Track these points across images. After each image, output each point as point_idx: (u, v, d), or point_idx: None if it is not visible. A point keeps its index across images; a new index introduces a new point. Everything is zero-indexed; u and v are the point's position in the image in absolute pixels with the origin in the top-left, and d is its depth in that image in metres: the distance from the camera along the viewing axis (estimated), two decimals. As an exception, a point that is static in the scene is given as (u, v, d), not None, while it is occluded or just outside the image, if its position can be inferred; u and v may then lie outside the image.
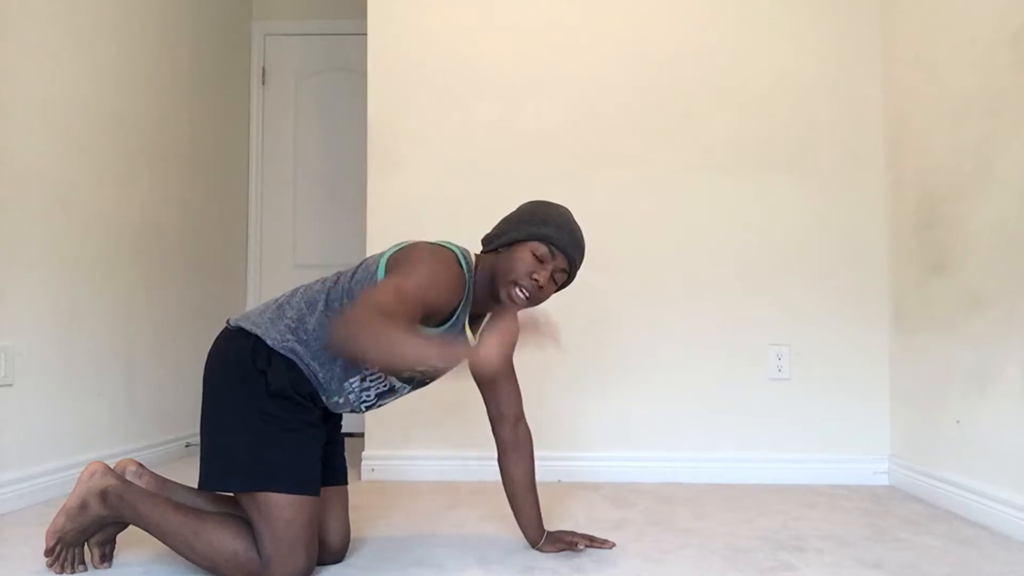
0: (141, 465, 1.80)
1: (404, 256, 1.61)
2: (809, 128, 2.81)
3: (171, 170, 3.20)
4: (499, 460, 1.90)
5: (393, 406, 2.68)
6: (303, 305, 1.66)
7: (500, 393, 1.88)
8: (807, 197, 2.80)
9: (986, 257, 2.17)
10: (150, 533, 1.64)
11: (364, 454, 2.81)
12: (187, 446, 3.28)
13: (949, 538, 2.01)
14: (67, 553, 1.66)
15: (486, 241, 1.77)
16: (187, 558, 1.62)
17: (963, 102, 2.29)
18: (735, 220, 2.81)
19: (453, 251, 1.66)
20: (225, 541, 1.57)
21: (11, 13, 2.31)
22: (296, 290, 1.73)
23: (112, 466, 1.76)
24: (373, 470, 2.78)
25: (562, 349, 1.87)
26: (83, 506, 1.64)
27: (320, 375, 1.64)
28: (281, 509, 1.55)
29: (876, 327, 2.76)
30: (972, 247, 2.24)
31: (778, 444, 2.77)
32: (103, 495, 1.64)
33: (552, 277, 1.69)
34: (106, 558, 1.72)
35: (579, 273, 2.91)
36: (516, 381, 1.91)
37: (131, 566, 1.74)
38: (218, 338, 1.71)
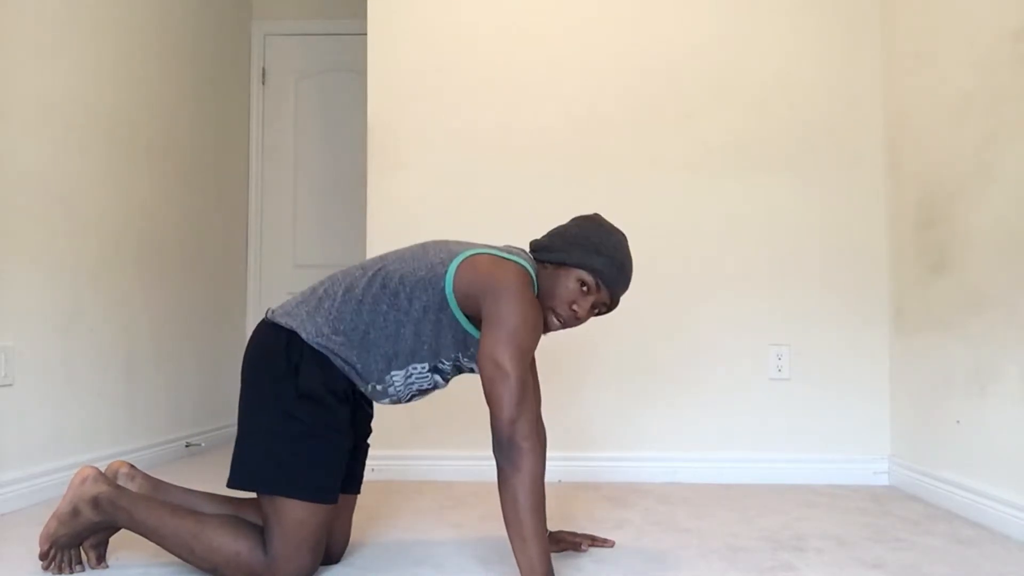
0: (133, 467, 1.79)
1: (494, 285, 1.56)
2: (809, 128, 2.81)
3: (171, 170, 3.20)
4: None
5: (393, 406, 2.69)
6: (341, 293, 1.64)
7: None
8: (807, 197, 2.80)
9: (986, 257, 2.17)
10: (147, 538, 1.63)
11: (364, 454, 2.81)
12: (187, 446, 3.28)
13: (949, 538, 2.01)
14: (62, 555, 1.66)
15: (535, 248, 1.73)
16: (187, 561, 1.61)
17: (963, 102, 2.29)
18: (735, 220, 2.81)
19: (529, 274, 1.63)
20: (226, 543, 1.56)
21: (11, 13, 2.31)
22: (335, 277, 1.70)
23: (104, 468, 1.76)
24: (373, 470, 2.78)
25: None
26: (75, 512, 1.63)
27: (359, 366, 1.62)
28: (295, 511, 1.55)
29: (876, 327, 2.76)
30: (972, 247, 2.24)
31: (778, 444, 2.77)
32: (95, 502, 1.62)
33: (592, 307, 1.68)
34: (102, 559, 1.72)
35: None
36: (537, 388, 1.88)
37: (131, 566, 1.74)
38: (256, 330, 1.70)
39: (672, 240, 2.82)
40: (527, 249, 1.76)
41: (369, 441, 1.84)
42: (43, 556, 1.65)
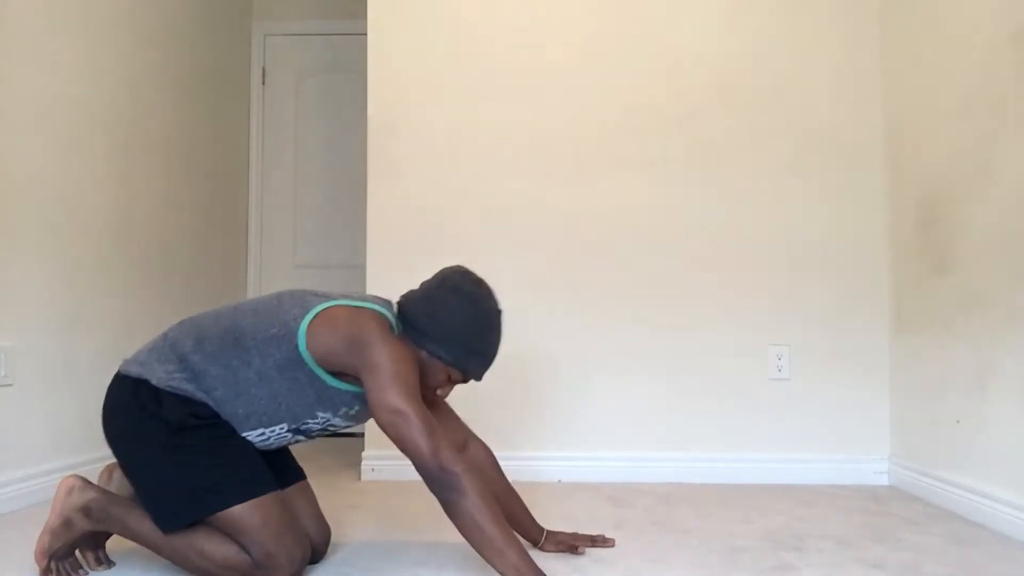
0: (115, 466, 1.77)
1: (356, 336, 1.55)
2: (809, 128, 2.81)
3: (171, 170, 3.20)
4: None
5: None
6: (191, 343, 1.62)
7: (445, 427, 1.82)
8: (807, 197, 2.80)
9: (986, 257, 2.17)
10: (140, 544, 1.62)
11: (364, 454, 2.81)
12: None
13: (949, 538, 2.01)
14: (61, 566, 1.64)
15: (406, 320, 1.67)
16: (182, 567, 1.61)
17: (963, 102, 2.29)
18: (735, 220, 2.81)
19: (388, 320, 1.63)
20: (215, 548, 1.55)
21: (11, 13, 2.31)
22: (184, 324, 1.68)
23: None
24: (373, 470, 2.78)
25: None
26: (67, 524, 1.62)
27: (216, 409, 1.60)
28: (245, 516, 1.53)
29: (876, 327, 2.76)
30: (972, 247, 2.24)
31: (778, 444, 2.77)
32: (86, 511, 1.62)
33: (451, 388, 1.72)
34: (101, 561, 1.71)
35: (581, 273, 2.91)
36: (448, 409, 1.86)
37: (131, 565, 1.74)
38: (108, 387, 1.67)
39: (672, 240, 2.82)
40: (397, 307, 1.72)
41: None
42: (45, 572, 1.63)
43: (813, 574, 1.70)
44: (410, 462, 1.53)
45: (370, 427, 2.82)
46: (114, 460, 1.72)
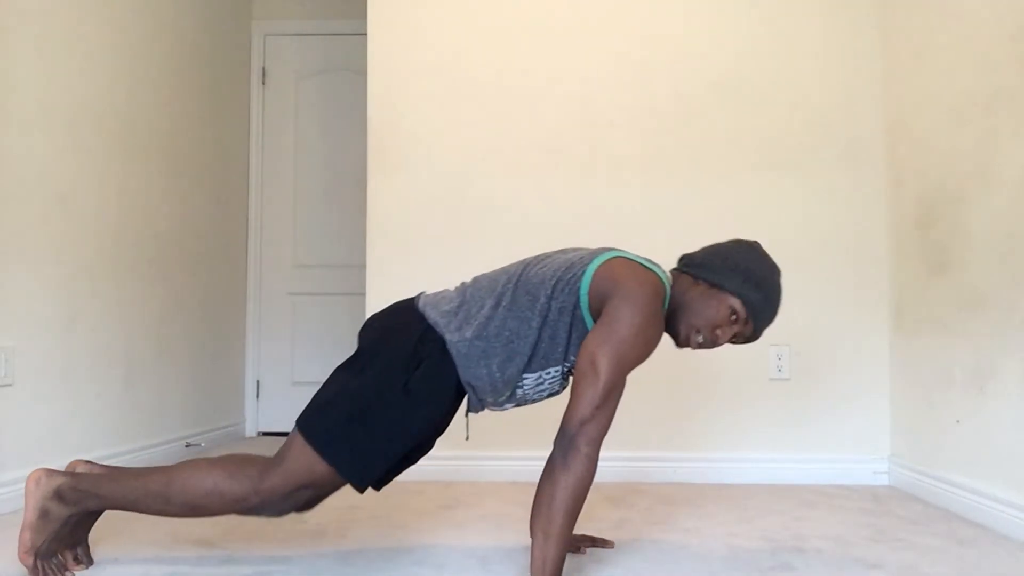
0: (89, 462, 1.73)
1: (624, 289, 1.54)
2: (809, 128, 2.81)
3: (171, 170, 3.20)
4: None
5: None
6: (490, 302, 1.63)
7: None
8: (807, 197, 2.80)
9: (986, 257, 2.17)
10: (122, 509, 1.62)
11: (364, 454, 2.81)
12: (187, 446, 3.28)
13: (949, 538, 2.01)
14: (47, 564, 1.61)
15: (689, 262, 1.69)
16: (167, 515, 1.60)
17: (963, 102, 2.29)
18: (735, 220, 2.80)
19: (664, 286, 1.61)
20: (198, 479, 1.55)
21: (11, 13, 2.31)
22: (480, 283, 1.69)
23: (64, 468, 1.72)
24: (373, 470, 2.78)
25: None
26: (44, 514, 1.59)
27: (497, 374, 1.62)
28: (321, 472, 1.56)
29: (876, 327, 2.76)
30: (972, 247, 2.24)
31: (778, 444, 2.77)
32: (58, 495, 1.59)
33: (733, 336, 1.67)
34: (80, 560, 1.69)
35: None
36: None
37: (131, 565, 1.74)
38: (402, 306, 1.69)
39: (672, 240, 2.80)
40: (678, 262, 1.73)
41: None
42: (33, 571, 1.60)
43: (813, 574, 1.70)
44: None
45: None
46: (78, 459, 1.71)
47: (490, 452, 2.78)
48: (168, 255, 3.18)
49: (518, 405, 1.73)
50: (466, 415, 1.77)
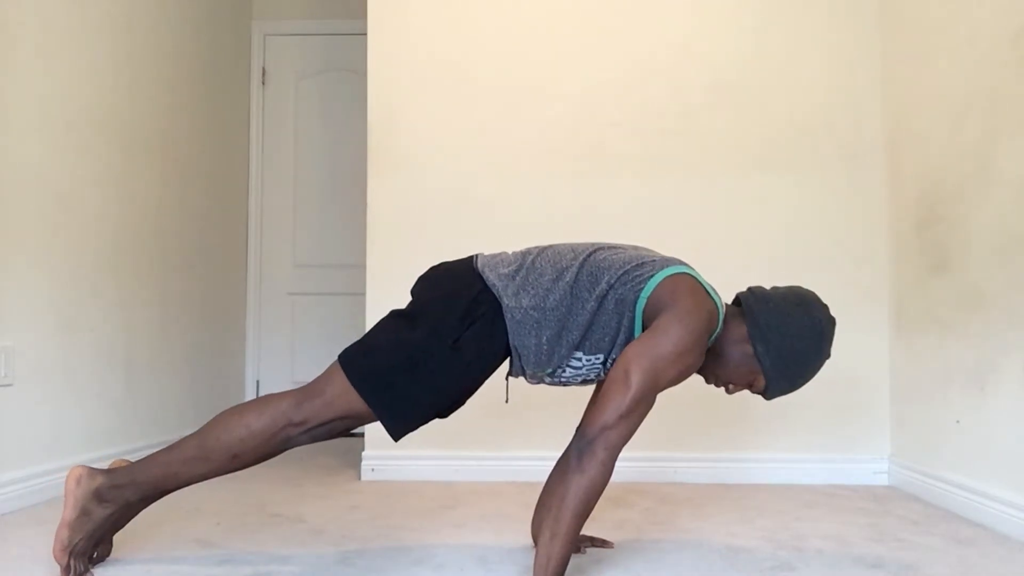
0: (129, 461, 1.75)
1: (679, 308, 1.54)
2: (809, 128, 2.81)
3: (171, 170, 3.20)
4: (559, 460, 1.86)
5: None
6: (551, 273, 1.64)
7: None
8: (807, 197, 2.80)
9: (986, 257, 2.17)
10: (166, 491, 1.64)
11: (364, 454, 2.81)
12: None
13: (949, 538, 2.01)
14: (80, 563, 1.61)
15: (751, 315, 1.65)
16: (212, 475, 1.61)
17: (963, 102, 2.29)
18: (734, 220, 2.81)
19: (718, 319, 1.61)
20: (231, 429, 1.58)
21: (10, 13, 2.31)
22: (545, 254, 1.69)
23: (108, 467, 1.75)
24: (373, 470, 2.78)
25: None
26: (84, 513, 1.60)
27: (546, 347, 1.62)
28: (359, 410, 1.59)
29: (876, 327, 2.76)
30: (972, 247, 2.24)
31: (778, 444, 2.77)
32: (98, 495, 1.60)
33: (740, 390, 1.74)
34: (100, 557, 1.70)
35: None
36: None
37: (131, 564, 1.74)
38: (461, 264, 1.70)
39: (672, 239, 2.81)
40: (746, 295, 1.72)
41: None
42: (66, 570, 1.59)
43: (813, 574, 1.70)
44: (413, 463, 1.53)
45: (370, 428, 2.82)
46: (121, 459, 1.72)
47: (490, 452, 2.79)
48: (168, 255, 3.18)
49: (554, 383, 1.72)
50: (506, 378, 1.77)
